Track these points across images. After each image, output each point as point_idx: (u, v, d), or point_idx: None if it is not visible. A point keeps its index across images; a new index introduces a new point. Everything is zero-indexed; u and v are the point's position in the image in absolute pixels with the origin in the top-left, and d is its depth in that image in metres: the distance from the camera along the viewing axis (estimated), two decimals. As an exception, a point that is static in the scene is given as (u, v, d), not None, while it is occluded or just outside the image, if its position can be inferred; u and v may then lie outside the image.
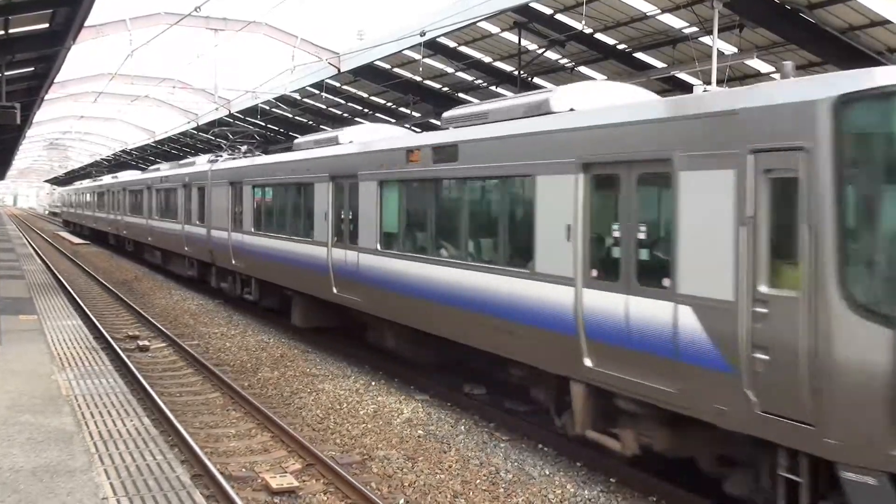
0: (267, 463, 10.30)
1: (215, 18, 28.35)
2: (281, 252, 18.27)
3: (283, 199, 18.59)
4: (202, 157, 28.63)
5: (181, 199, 27.52)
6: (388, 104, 33.60)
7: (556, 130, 9.74)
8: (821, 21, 16.71)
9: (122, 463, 8.00)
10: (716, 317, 7.48)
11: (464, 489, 9.36)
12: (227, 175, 22.50)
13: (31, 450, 8.05)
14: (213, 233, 23.51)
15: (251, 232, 20.33)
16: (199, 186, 25.29)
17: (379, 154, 14.05)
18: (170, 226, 29.08)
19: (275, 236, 18.76)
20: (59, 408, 9.67)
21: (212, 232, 23.69)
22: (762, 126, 7.19)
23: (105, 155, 75.02)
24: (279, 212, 18.94)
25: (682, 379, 7.87)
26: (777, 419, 6.97)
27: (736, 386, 7.28)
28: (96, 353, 13.45)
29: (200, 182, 25.21)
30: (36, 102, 28.34)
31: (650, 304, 8.26)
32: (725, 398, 7.40)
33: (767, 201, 7.16)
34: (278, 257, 18.42)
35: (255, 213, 20.33)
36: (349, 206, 15.11)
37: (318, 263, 16.06)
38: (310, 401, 13.19)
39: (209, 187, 24.15)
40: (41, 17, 16.72)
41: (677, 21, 19.05)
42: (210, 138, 50.44)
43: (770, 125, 7.15)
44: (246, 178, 20.94)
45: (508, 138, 10.67)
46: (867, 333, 6.41)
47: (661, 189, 8.45)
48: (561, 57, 22.97)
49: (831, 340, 6.55)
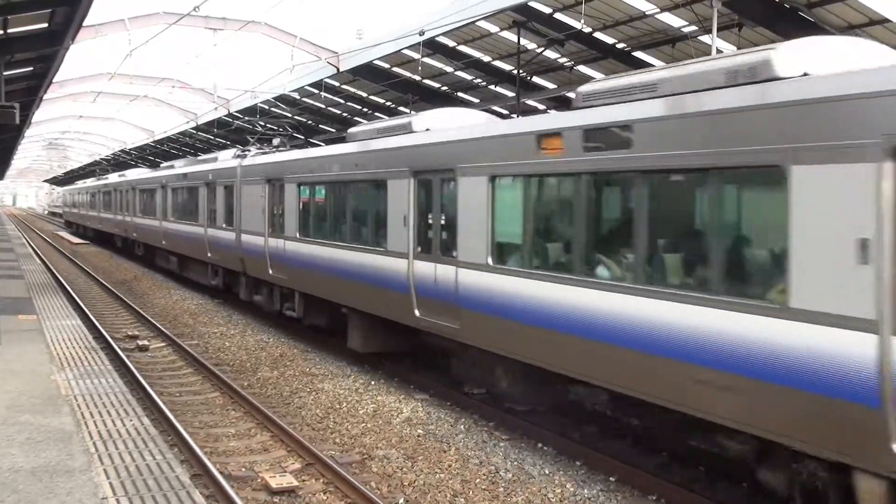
0: (266, 462, 10.30)
1: (214, 18, 28.31)
2: (337, 263, 15.38)
3: (342, 199, 15.64)
4: (226, 152, 26.06)
5: (203, 199, 24.64)
6: (388, 103, 33.61)
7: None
8: (820, 20, 16.71)
9: (122, 463, 8.00)
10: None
11: (463, 488, 9.36)
12: (263, 171, 19.62)
13: (31, 450, 8.04)
14: (245, 238, 20.73)
15: (296, 238, 17.41)
16: (226, 185, 22.55)
17: (490, 142, 11.19)
18: (190, 229, 26.21)
19: (330, 244, 15.85)
20: (58, 408, 9.66)
21: (242, 237, 20.93)
22: None
23: (104, 155, 74.97)
24: (336, 215, 16.06)
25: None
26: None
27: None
28: (96, 353, 13.44)
29: (227, 180, 22.42)
30: (35, 102, 28.32)
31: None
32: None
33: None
34: (333, 269, 15.55)
35: (302, 216, 17.36)
36: (441, 209, 12.43)
37: (394, 279, 13.27)
38: (309, 400, 13.19)
39: (238, 185, 21.45)
40: (40, 16, 16.72)
41: (676, 20, 19.06)
42: (210, 137, 50.43)
43: None
44: (289, 174, 17.95)
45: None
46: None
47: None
48: (560, 56, 22.97)
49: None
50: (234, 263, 21.71)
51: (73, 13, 15.48)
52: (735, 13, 17.24)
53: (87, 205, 54.13)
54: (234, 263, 21.71)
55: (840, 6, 16.09)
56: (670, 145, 8.07)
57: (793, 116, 6.88)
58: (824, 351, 6.57)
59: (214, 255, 23.67)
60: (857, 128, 6.38)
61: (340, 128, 37.98)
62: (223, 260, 22.96)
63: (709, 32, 16.91)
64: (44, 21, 17.15)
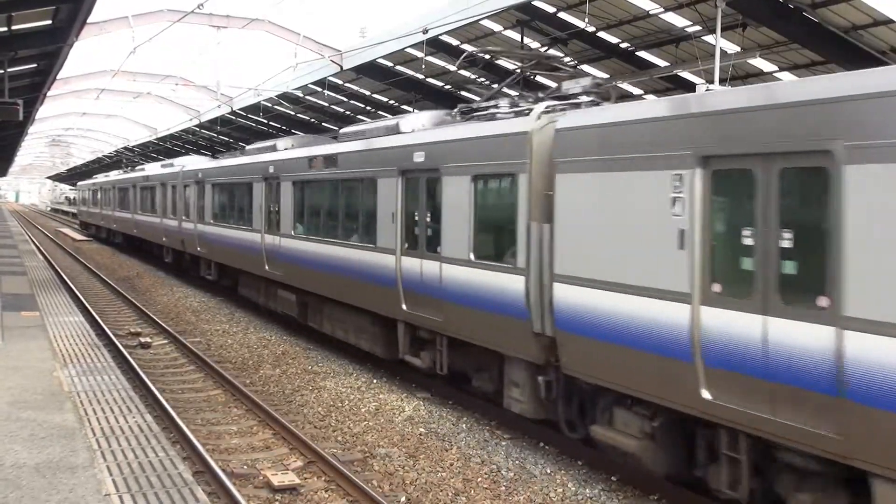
0: (268, 460, 10.32)
1: (218, 16, 28.30)
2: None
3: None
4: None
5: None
6: (391, 102, 33.60)
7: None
8: (823, 20, 16.69)
9: (124, 459, 8.01)
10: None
11: (465, 487, 9.37)
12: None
13: (34, 446, 8.06)
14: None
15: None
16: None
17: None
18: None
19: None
20: (61, 404, 9.68)
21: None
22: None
23: (106, 152, 75.05)
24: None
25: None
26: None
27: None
28: (98, 350, 13.46)
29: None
30: (38, 99, 28.36)
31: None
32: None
33: None
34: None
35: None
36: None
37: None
38: (311, 398, 13.20)
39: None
40: (44, 13, 16.74)
41: (680, 20, 19.03)
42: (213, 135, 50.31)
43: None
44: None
45: None
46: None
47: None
48: (563, 55, 22.95)
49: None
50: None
51: (77, 10, 15.49)
52: (739, 13, 17.21)
53: (115, 203, 42.71)
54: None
55: (844, 6, 16.06)
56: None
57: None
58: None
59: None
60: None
61: (343, 126, 38.00)
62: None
63: (713, 32, 16.90)
64: (48, 18, 17.17)
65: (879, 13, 16.10)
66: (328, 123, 41.13)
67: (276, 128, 45.34)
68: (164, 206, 30.78)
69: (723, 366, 7.46)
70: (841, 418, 6.48)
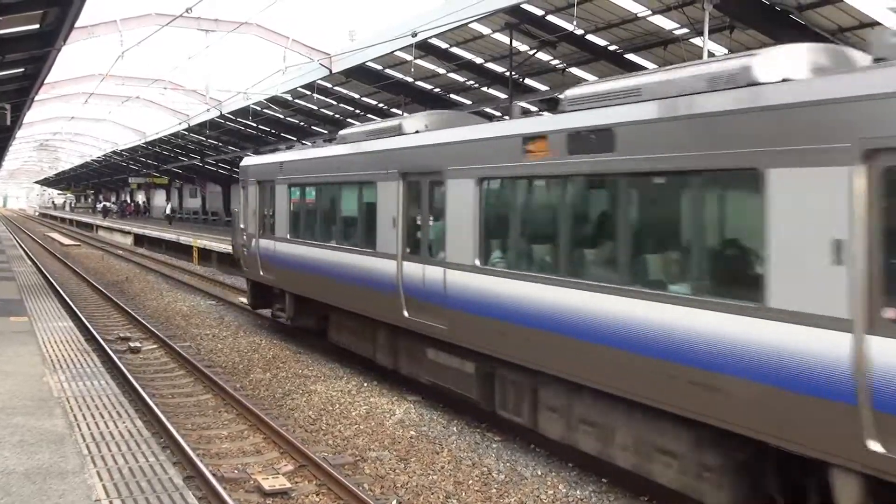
0: (259, 464, 10.30)
1: (206, 19, 28.28)
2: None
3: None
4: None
5: None
6: (380, 105, 33.63)
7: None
8: (810, 22, 16.81)
9: (115, 465, 7.99)
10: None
11: (456, 489, 9.38)
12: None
13: (23, 452, 8.03)
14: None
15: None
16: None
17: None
18: None
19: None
20: (50, 410, 9.64)
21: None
22: None
23: (95, 156, 74.81)
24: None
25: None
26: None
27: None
28: (88, 355, 13.41)
29: None
30: (26, 103, 28.22)
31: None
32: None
33: None
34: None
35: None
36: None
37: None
38: (302, 402, 13.19)
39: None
40: (32, 17, 16.66)
41: (668, 22, 19.14)
42: (202, 139, 50.05)
43: None
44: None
45: None
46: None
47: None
48: (552, 58, 23.03)
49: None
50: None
51: (65, 14, 15.44)
52: (726, 16, 17.32)
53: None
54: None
55: (830, 9, 16.18)
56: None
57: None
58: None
59: None
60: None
61: (333, 129, 37.99)
62: None
63: (700, 35, 16.98)
64: (35, 22, 17.09)
65: (866, 15, 16.22)
66: (317, 127, 41.11)
67: (265, 131, 45.28)
68: None
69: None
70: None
